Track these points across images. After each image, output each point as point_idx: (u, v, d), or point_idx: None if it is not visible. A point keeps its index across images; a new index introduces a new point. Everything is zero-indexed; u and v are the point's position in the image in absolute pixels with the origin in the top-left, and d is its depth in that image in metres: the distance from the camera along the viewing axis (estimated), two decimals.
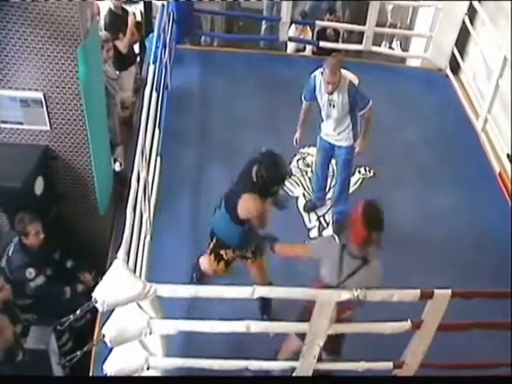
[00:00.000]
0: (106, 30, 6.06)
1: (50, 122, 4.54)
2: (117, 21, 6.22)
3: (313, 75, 4.87)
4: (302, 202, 5.57)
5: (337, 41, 7.48)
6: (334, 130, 4.99)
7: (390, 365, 3.97)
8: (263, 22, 8.17)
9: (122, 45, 6.23)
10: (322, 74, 4.72)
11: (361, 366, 3.86)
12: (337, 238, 4.87)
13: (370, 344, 3.87)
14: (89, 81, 4.35)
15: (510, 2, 6.27)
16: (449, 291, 3.67)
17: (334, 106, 4.82)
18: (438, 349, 3.81)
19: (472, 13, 6.87)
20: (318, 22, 7.34)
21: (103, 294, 3.17)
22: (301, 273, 4.57)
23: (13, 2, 4.01)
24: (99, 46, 4.94)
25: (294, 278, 4.56)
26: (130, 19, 6.33)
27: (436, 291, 3.65)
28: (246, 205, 3.93)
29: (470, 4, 6.78)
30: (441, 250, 5.19)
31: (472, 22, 6.91)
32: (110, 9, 6.24)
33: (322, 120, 5.03)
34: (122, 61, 6.27)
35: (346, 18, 7.78)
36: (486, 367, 3.96)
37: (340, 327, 3.69)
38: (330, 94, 4.72)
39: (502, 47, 6.07)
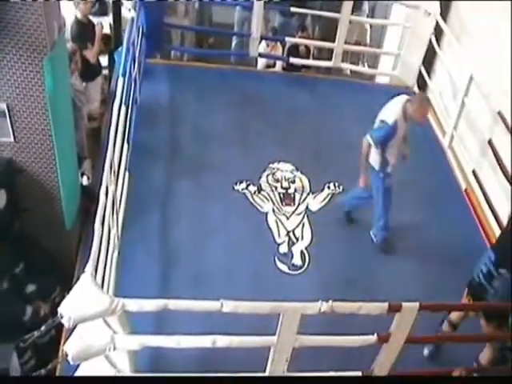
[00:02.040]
0: (73, 41, 5.99)
1: (14, 133, 4.44)
2: (84, 30, 6.17)
3: (393, 121, 4.75)
4: (271, 218, 5.58)
5: (307, 57, 7.53)
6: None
7: (358, 375, 3.98)
8: (234, 37, 8.20)
9: (90, 54, 6.20)
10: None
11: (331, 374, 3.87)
12: None
13: (340, 353, 3.88)
14: (55, 93, 4.29)
15: (474, 22, 6.45)
16: (416, 304, 3.71)
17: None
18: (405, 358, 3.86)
19: (438, 32, 7.02)
20: (288, 39, 7.39)
21: (70, 309, 3.11)
22: None
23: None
24: (66, 57, 4.87)
25: None
26: (98, 28, 6.31)
27: (404, 304, 3.70)
28: None
29: (437, 23, 6.94)
30: (410, 264, 5.24)
31: (438, 42, 7.07)
32: (76, 18, 6.17)
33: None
34: (90, 71, 6.22)
35: (315, 35, 7.85)
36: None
37: (306, 341, 3.68)
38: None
39: (467, 66, 6.20)
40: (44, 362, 3.35)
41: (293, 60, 7.32)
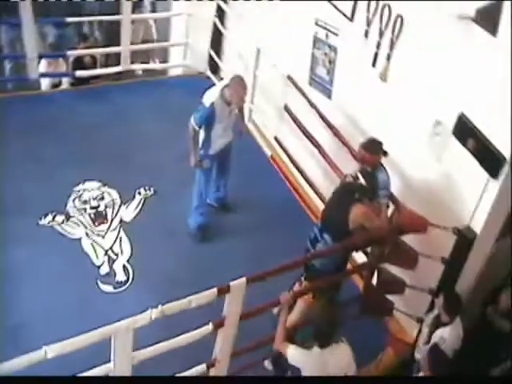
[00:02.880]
0: None
1: None
2: None
3: (210, 104, 4.91)
4: (86, 242, 5.25)
5: (94, 67, 7.17)
6: None
7: (203, 367, 3.99)
8: (6, 61, 7.50)
9: None
10: None
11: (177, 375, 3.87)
12: None
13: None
14: None
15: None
16: (243, 279, 3.74)
17: None
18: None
19: (221, 14, 7.03)
20: (69, 52, 6.97)
21: None
22: None
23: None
24: None
25: None
26: None
27: (231, 283, 3.71)
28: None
29: (218, 6, 6.93)
30: (234, 244, 5.33)
31: (223, 23, 7.08)
32: None
33: None
34: None
35: (99, 41, 7.48)
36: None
37: (145, 354, 3.60)
38: None
39: (253, 40, 6.27)
40: None
41: (79, 73, 6.91)
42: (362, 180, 4.27)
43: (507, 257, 4.31)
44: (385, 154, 4.39)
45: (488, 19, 3.79)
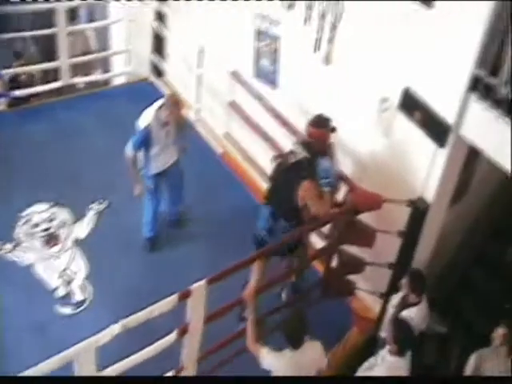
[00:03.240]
0: None
1: None
2: None
3: (146, 126, 4.83)
4: (39, 266, 5.03)
5: (32, 85, 6.91)
6: None
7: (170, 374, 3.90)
8: None
9: None
10: None
11: None
12: None
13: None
14: None
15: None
16: (203, 281, 3.66)
17: None
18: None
19: (161, 16, 6.86)
20: (3, 72, 6.66)
21: None
22: None
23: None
24: None
25: None
26: None
27: (192, 287, 3.63)
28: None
29: (157, 8, 6.76)
30: (192, 249, 5.25)
31: (163, 25, 6.89)
32: None
33: None
34: None
35: (35, 58, 7.20)
36: None
37: (109, 373, 3.48)
38: None
39: (195, 39, 6.17)
40: None
41: (17, 93, 6.61)
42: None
43: (459, 224, 4.33)
44: (333, 130, 4.26)
45: None
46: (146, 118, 4.84)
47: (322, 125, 4.20)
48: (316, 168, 4.09)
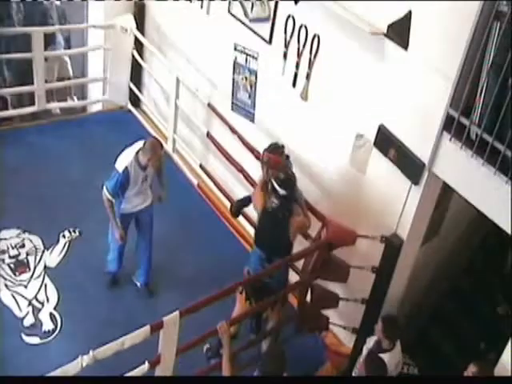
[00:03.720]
0: None
1: None
2: None
3: (124, 169, 4.60)
4: (6, 294, 4.91)
5: (5, 108, 6.81)
6: None
7: None
8: None
9: None
10: None
11: None
12: None
13: None
14: None
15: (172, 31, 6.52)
16: (176, 313, 3.65)
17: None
18: None
19: (139, 47, 6.91)
20: None
21: None
22: None
23: None
24: None
25: None
26: None
27: (165, 318, 3.61)
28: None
29: (136, 39, 6.82)
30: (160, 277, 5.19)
31: (141, 55, 6.97)
32: None
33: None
34: None
35: (8, 81, 7.10)
36: None
37: None
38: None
39: (171, 71, 6.20)
40: None
41: None
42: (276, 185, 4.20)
43: (432, 260, 4.39)
44: (287, 157, 4.50)
45: (399, 34, 3.91)
46: (125, 161, 4.64)
47: (274, 151, 4.45)
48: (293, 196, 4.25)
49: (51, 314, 4.82)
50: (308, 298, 4.56)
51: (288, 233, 4.23)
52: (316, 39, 4.62)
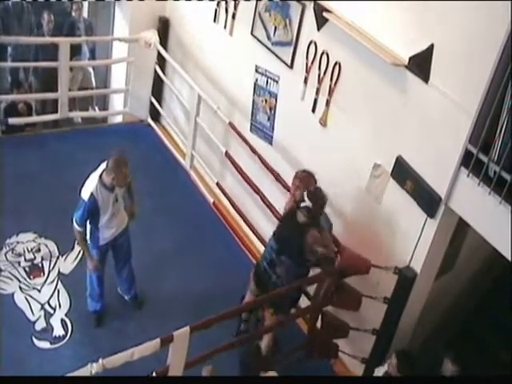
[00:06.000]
0: None
1: None
2: None
3: (89, 195, 4.40)
4: (19, 297, 4.97)
5: (29, 114, 6.96)
6: None
7: None
8: None
9: None
10: None
11: None
12: None
13: None
14: None
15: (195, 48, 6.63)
16: (187, 328, 3.69)
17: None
18: None
19: (162, 62, 7.03)
20: (1, 97, 6.73)
21: None
22: None
23: None
24: None
25: None
26: None
27: (175, 333, 3.66)
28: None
29: (159, 54, 6.95)
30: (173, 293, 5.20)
31: (163, 70, 7.08)
32: None
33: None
34: None
35: (34, 88, 7.28)
36: None
37: None
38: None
39: (194, 87, 6.29)
40: None
41: (12, 120, 6.64)
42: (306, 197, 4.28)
43: (445, 295, 4.38)
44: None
45: (420, 66, 3.96)
46: (89, 187, 4.42)
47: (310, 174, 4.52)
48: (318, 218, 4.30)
49: (62, 320, 4.86)
50: (318, 324, 4.57)
51: (302, 240, 4.19)
52: (337, 66, 4.68)
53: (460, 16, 3.63)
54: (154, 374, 3.73)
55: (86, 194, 4.41)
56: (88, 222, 4.51)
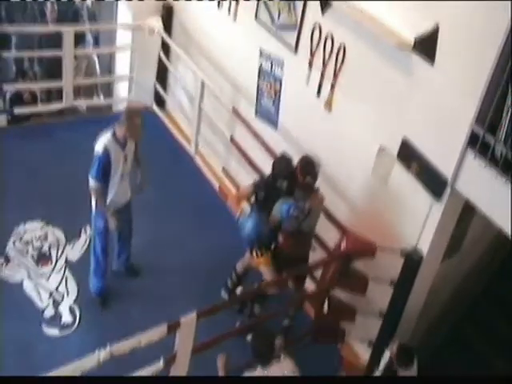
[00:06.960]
0: None
1: None
2: None
3: (103, 149, 4.44)
4: (28, 285, 5.01)
5: (34, 104, 6.95)
6: None
7: None
8: None
9: None
10: None
11: None
12: None
13: None
14: None
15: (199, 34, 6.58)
16: (194, 314, 3.71)
17: None
18: None
19: (166, 48, 7.01)
20: (6, 87, 6.68)
21: None
22: None
23: None
24: None
25: None
26: None
27: (182, 319, 3.67)
28: None
29: (163, 41, 6.92)
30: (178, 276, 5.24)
31: (168, 57, 7.05)
32: None
33: None
34: None
35: (39, 77, 7.27)
36: None
37: None
38: None
39: (197, 73, 6.27)
40: None
41: (18, 110, 6.66)
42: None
43: (453, 276, 4.37)
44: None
45: (426, 48, 3.91)
46: (103, 141, 4.46)
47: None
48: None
49: (71, 308, 4.91)
50: (325, 309, 4.59)
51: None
52: (342, 50, 4.64)
53: None
54: (161, 361, 3.74)
55: (99, 147, 4.44)
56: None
